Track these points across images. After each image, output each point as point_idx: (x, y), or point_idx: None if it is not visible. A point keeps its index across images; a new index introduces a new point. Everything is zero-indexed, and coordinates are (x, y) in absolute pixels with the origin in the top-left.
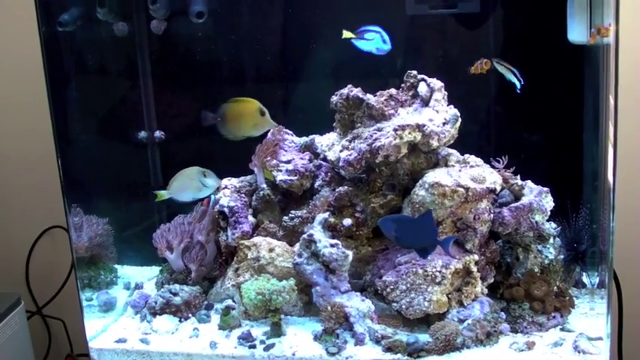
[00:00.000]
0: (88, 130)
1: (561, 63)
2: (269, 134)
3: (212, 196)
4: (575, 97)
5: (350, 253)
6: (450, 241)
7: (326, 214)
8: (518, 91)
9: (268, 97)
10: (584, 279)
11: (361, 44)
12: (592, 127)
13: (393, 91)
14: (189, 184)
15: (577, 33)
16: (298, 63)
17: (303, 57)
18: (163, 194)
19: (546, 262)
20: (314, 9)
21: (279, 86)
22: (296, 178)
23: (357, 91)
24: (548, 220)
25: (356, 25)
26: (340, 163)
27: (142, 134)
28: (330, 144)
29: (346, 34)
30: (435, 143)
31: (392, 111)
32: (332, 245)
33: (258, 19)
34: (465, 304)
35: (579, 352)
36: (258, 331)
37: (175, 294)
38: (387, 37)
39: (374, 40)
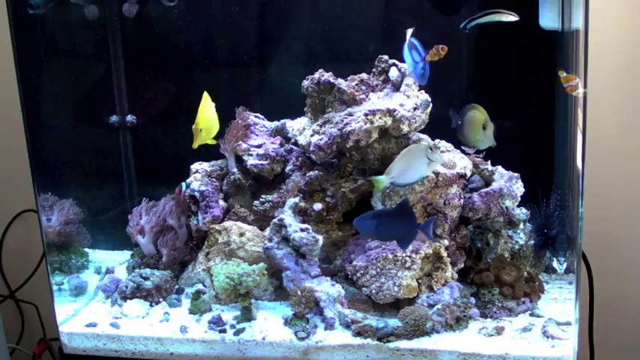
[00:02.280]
0: (59, 114)
1: (533, 49)
2: (238, 119)
3: (183, 184)
4: (546, 83)
5: (320, 238)
6: (430, 224)
7: (296, 199)
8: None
9: (240, 81)
10: (555, 264)
11: (407, 56)
12: (562, 114)
13: (364, 75)
14: (414, 163)
15: (548, 19)
16: (271, 47)
17: (276, 41)
18: (383, 180)
19: (516, 247)
20: None
21: (251, 70)
22: (267, 162)
23: (328, 76)
24: (518, 206)
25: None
26: (311, 148)
27: (114, 118)
28: (301, 128)
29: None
30: (405, 128)
31: (363, 96)
32: (302, 230)
33: (232, 3)
34: (435, 289)
35: (548, 337)
36: (229, 315)
37: (146, 278)
38: (426, 74)
39: (418, 66)
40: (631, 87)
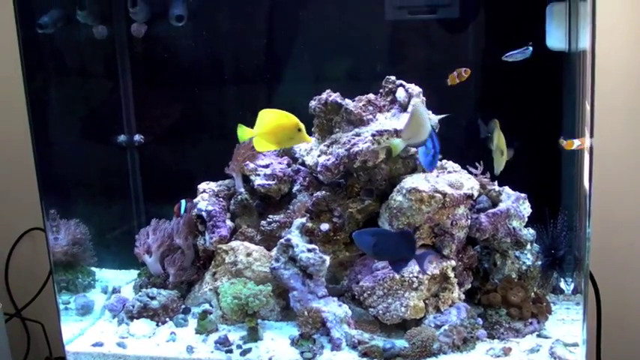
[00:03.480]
0: (67, 133)
1: (540, 69)
2: None
3: (182, 202)
4: (553, 102)
5: (327, 258)
6: (426, 256)
7: (303, 219)
8: (530, 49)
9: (247, 101)
10: (562, 285)
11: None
12: (569, 133)
13: (371, 96)
14: (423, 120)
15: (555, 39)
16: (278, 67)
17: (283, 61)
18: (398, 144)
19: (524, 267)
20: (295, 13)
21: (258, 90)
22: (274, 182)
23: (335, 96)
24: (525, 226)
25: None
26: (318, 168)
27: (122, 138)
28: (309, 149)
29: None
30: (412, 149)
31: (370, 116)
32: (309, 250)
33: (239, 23)
34: (442, 310)
35: (556, 358)
36: (235, 335)
37: (153, 298)
38: (436, 162)
39: (428, 154)
40: (638, 106)
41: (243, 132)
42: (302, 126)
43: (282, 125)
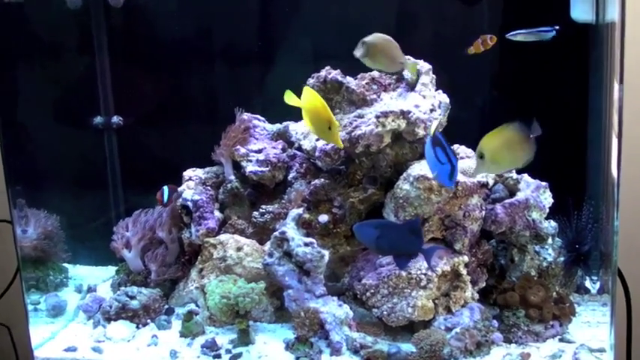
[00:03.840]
0: (36, 114)
1: (563, 44)
2: (236, 121)
3: (164, 188)
4: (578, 81)
5: (326, 253)
6: (434, 251)
7: (300, 210)
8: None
9: (239, 79)
10: (587, 284)
11: (429, 155)
12: (596, 115)
13: (375, 73)
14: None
15: (581, 10)
16: (273, 41)
17: (278, 35)
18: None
19: (544, 264)
20: None
21: (252, 67)
22: (267, 169)
23: (335, 74)
24: (546, 218)
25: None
26: (316, 153)
27: (98, 119)
28: (306, 132)
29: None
30: (421, 132)
31: (374, 96)
32: (306, 244)
33: None
34: (453, 311)
35: None
36: (224, 338)
37: (133, 297)
38: (455, 177)
39: (444, 169)
40: None
41: (290, 97)
42: (335, 124)
43: (316, 113)
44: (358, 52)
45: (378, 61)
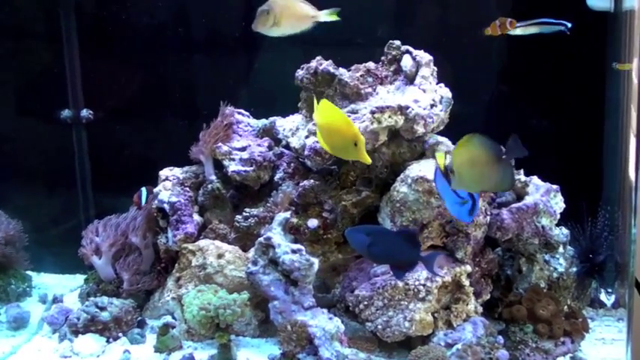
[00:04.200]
0: None
1: (578, 33)
2: (219, 115)
3: (143, 190)
4: (593, 74)
5: (316, 261)
6: (435, 257)
7: (287, 214)
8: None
9: (221, 69)
10: (602, 297)
11: (443, 189)
12: (612, 112)
13: (371, 65)
14: None
15: None
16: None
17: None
18: None
19: (555, 275)
20: None
21: (234, 56)
22: (252, 168)
23: (327, 65)
24: (557, 225)
25: None
26: (306, 152)
27: (66, 113)
28: (294, 128)
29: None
30: (420, 129)
31: (369, 89)
32: (294, 251)
33: None
34: (455, 325)
35: None
36: (203, 354)
37: (103, 308)
38: (476, 210)
39: (464, 206)
40: None
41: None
42: (362, 141)
43: (338, 131)
44: (263, 24)
45: (286, 25)
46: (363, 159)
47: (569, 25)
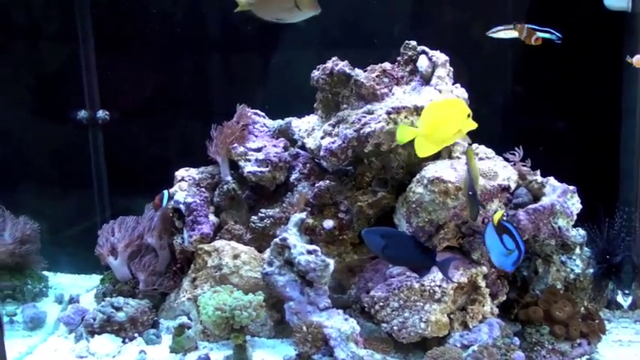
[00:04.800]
0: (14, 107)
1: (595, 33)
2: (235, 115)
3: (165, 192)
4: (610, 75)
5: (331, 262)
6: (450, 262)
7: (303, 214)
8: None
9: (237, 69)
10: (619, 298)
11: (492, 241)
12: (630, 112)
13: (387, 65)
14: None
15: None
16: (275, 28)
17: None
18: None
19: (571, 276)
20: None
21: (251, 56)
22: (267, 169)
23: (343, 65)
24: (574, 226)
25: None
26: (321, 153)
27: (82, 114)
28: (310, 129)
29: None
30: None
31: (385, 90)
32: (309, 252)
33: None
34: (471, 327)
35: None
36: (219, 354)
37: (119, 309)
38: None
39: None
40: None
41: (403, 133)
42: (470, 112)
43: (450, 115)
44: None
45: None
46: (472, 125)
47: (560, 35)
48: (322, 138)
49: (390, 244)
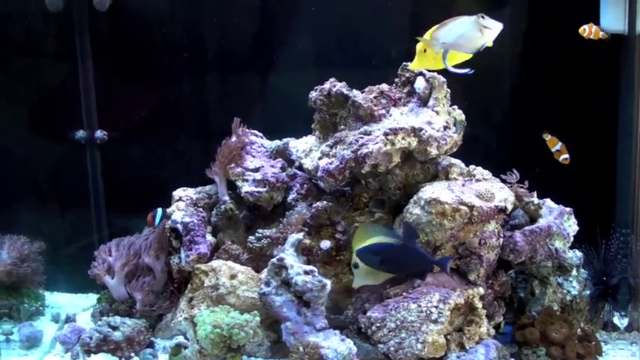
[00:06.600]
0: (12, 126)
1: (591, 54)
2: (233, 136)
3: (158, 210)
4: (607, 96)
5: (328, 283)
6: (448, 260)
7: (300, 235)
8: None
9: (235, 90)
10: (616, 320)
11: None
12: (626, 133)
13: (384, 87)
14: (465, 30)
15: (612, 19)
16: (272, 50)
17: (278, 42)
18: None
19: (568, 298)
20: None
21: (248, 77)
22: (265, 189)
23: (340, 86)
24: (571, 247)
25: None
26: (319, 173)
27: (80, 134)
28: (308, 149)
29: None
30: (433, 151)
31: (383, 111)
32: (306, 272)
33: None
34: (467, 348)
35: None
36: None
37: (115, 328)
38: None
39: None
40: None
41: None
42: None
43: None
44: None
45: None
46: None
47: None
48: (320, 159)
49: (386, 257)
